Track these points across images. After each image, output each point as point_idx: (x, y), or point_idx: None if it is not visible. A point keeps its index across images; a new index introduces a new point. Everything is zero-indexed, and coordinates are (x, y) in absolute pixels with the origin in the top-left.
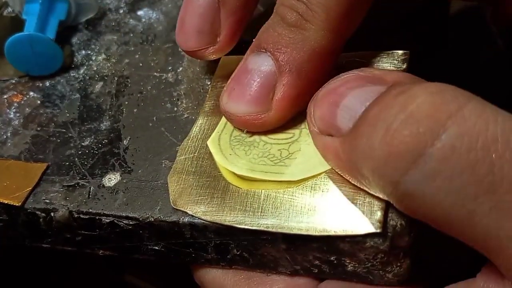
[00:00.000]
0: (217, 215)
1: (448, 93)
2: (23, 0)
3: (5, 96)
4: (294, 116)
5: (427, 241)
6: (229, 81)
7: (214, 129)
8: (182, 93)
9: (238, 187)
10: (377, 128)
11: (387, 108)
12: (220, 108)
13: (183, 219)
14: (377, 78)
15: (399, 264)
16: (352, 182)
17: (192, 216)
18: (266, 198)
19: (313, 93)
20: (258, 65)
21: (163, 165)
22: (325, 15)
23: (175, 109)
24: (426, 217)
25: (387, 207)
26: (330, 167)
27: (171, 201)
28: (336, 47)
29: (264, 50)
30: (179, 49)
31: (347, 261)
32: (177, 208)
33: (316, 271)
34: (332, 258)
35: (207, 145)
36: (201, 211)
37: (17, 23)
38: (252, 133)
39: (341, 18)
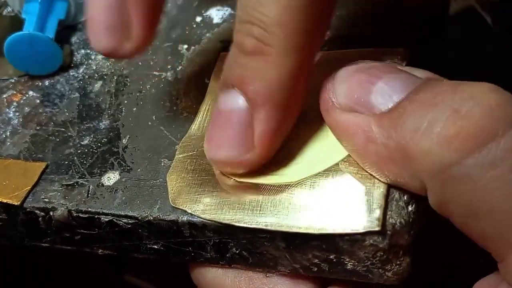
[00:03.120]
0: (216, 214)
1: (506, 92)
2: None
3: (4, 96)
4: None
5: (426, 241)
6: (209, 126)
7: None
8: (182, 92)
9: (237, 185)
10: (438, 108)
11: (447, 93)
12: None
13: (182, 217)
14: (407, 70)
15: (398, 262)
16: (375, 163)
17: (191, 214)
18: (265, 196)
19: (295, 117)
20: (229, 105)
21: (162, 164)
22: (283, 34)
23: (175, 108)
24: (461, 209)
25: (386, 205)
26: (329, 166)
27: (170, 199)
28: (306, 62)
29: (232, 86)
30: (179, 48)
31: (347, 260)
32: (176, 206)
33: (316, 269)
34: (331, 257)
35: None
36: (200, 209)
37: (16, 23)
38: None
39: (302, 31)
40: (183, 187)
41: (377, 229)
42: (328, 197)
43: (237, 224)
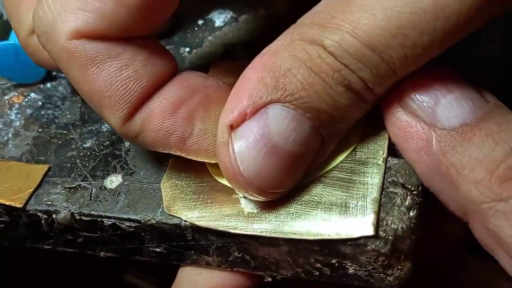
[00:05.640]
0: (211, 221)
1: None
2: None
3: (6, 98)
4: None
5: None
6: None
7: None
8: None
9: (232, 192)
10: (499, 148)
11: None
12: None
13: (184, 221)
14: (477, 90)
15: (400, 267)
16: (422, 171)
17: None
18: (259, 202)
19: None
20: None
21: (165, 167)
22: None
23: None
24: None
25: (379, 210)
26: (322, 172)
27: (164, 207)
28: None
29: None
30: (180, 51)
31: (348, 264)
32: (171, 214)
33: (317, 273)
34: (333, 261)
35: None
36: (195, 216)
37: (6, 28)
38: None
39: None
40: (177, 195)
41: (371, 233)
42: (322, 203)
43: (232, 231)
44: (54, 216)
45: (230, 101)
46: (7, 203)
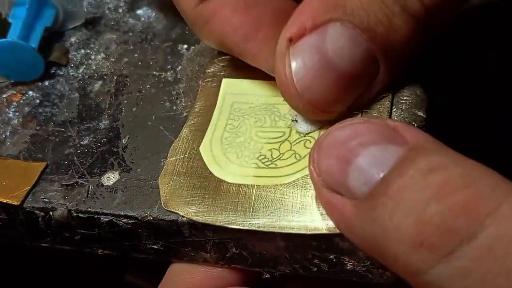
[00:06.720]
0: (209, 216)
1: (486, 184)
2: (11, 1)
3: (4, 96)
4: (284, 114)
5: None
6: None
7: (204, 129)
8: (181, 91)
9: (229, 187)
10: (404, 208)
11: (416, 188)
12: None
13: (181, 217)
14: (393, 134)
15: None
16: (360, 246)
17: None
18: (257, 197)
19: None
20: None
21: (162, 164)
22: None
23: (174, 108)
24: None
25: None
26: None
27: (162, 202)
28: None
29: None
30: (178, 48)
31: (346, 260)
32: (168, 209)
33: (316, 269)
34: (331, 257)
35: (197, 146)
36: (193, 212)
37: (4, 26)
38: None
39: None
40: (175, 190)
41: None
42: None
43: (230, 226)
44: (51, 213)
45: (293, 17)
46: (5, 200)
